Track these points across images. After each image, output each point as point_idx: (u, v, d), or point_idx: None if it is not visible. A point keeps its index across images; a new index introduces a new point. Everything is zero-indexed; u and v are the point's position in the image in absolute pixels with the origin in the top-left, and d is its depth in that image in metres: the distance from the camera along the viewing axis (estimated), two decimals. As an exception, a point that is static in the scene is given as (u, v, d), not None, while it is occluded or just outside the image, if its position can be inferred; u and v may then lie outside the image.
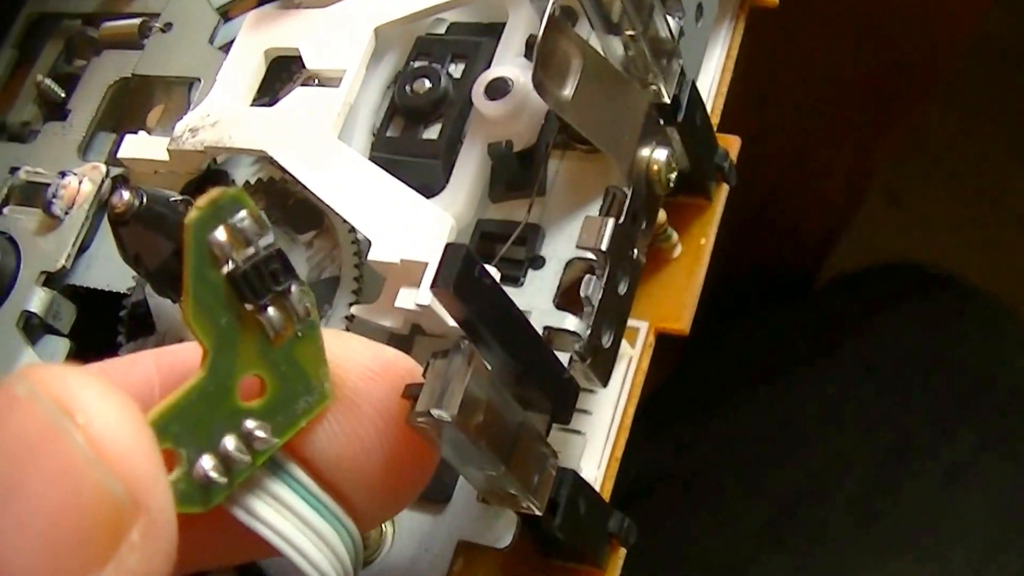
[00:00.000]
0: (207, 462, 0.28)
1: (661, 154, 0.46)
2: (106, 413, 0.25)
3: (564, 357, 0.44)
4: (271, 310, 0.29)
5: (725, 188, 0.53)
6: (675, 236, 0.52)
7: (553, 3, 0.41)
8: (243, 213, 0.28)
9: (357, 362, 0.32)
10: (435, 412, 0.36)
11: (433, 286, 0.37)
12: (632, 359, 0.50)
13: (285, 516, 0.30)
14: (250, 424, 0.29)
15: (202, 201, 0.28)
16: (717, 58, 0.55)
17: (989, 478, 0.82)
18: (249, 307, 0.29)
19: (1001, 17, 1.08)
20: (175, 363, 0.30)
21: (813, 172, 1.02)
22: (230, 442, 0.29)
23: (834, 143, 1.00)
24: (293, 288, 0.29)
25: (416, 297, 0.44)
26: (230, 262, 0.28)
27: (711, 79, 0.54)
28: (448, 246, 0.37)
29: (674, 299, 0.51)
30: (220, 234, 0.28)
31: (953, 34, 0.98)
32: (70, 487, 0.24)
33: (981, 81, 1.11)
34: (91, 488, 0.24)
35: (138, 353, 0.31)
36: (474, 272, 0.37)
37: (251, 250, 0.28)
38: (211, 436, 0.28)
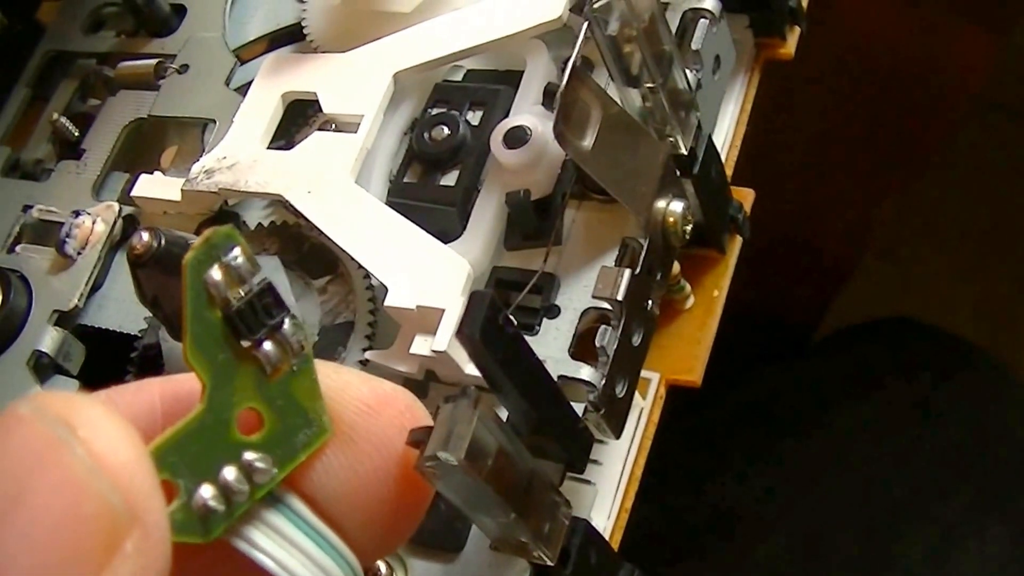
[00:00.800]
0: (206, 491, 0.29)
1: (677, 206, 0.46)
2: (107, 429, 0.26)
3: (577, 407, 0.44)
4: (267, 345, 0.30)
5: (739, 240, 0.53)
6: (688, 288, 0.52)
7: (577, 54, 0.42)
8: (236, 251, 0.29)
9: (354, 396, 0.32)
10: (442, 456, 0.35)
11: (459, 333, 0.37)
12: (643, 410, 0.50)
13: (286, 548, 0.30)
14: (250, 456, 0.29)
15: (197, 241, 0.28)
16: (731, 111, 0.55)
17: (984, 540, 0.82)
18: (246, 343, 0.29)
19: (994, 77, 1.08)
20: (180, 392, 0.31)
21: (814, 229, 1.02)
22: (230, 473, 0.29)
23: (836, 201, 1.01)
24: (286, 322, 0.30)
25: (432, 344, 0.44)
26: (226, 300, 0.29)
27: (725, 132, 0.55)
28: (474, 293, 0.37)
29: (686, 351, 0.51)
30: (216, 273, 0.28)
31: (958, 97, 0.99)
32: (71, 497, 0.25)
33: (971, 139, 1.11)
34: (91, 499, 0.25)
35: (144, 381, 0.31)
36: (499, 320, 0.37)
37: (245, 287, 0.29)
38: (210, 467, 0.29)
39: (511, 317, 0.38)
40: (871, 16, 0.91)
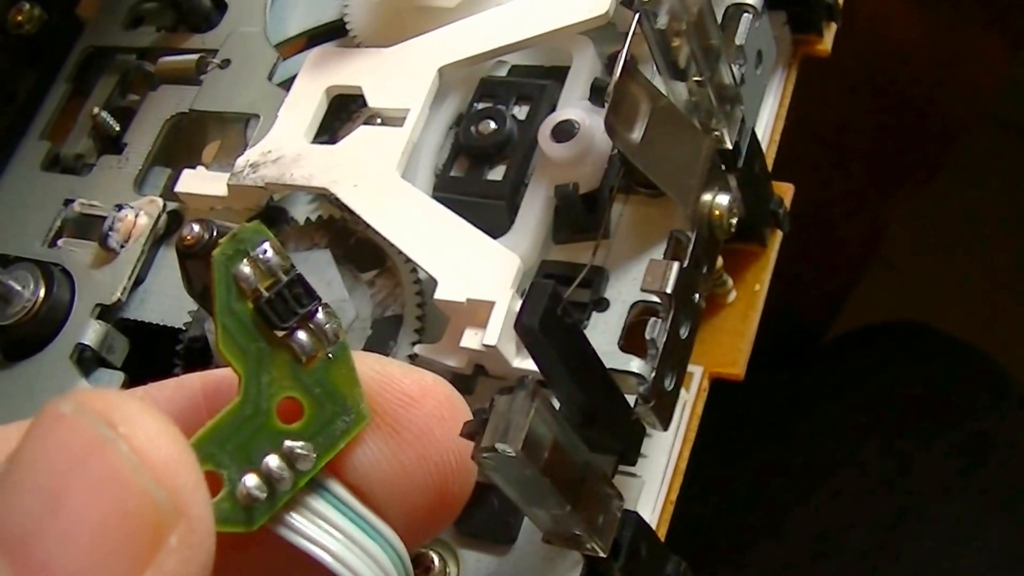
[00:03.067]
0: (250, 480, 0.29)
1: (723, 199, 0.47)
2: (148, 425, 0.26)
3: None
4: (300, 334, 0.30)
5: (779, 235, 0.53)
6: (730, 282, 0.52)
7: (628, 48, 0.42)
8: (265, 245, 0.29)
9: (396, 388, 0.32)
10: (500, 447, 0.36)
11: (517, 324, 0.38)
12: (687, 404, 0.50)
13: (332, 534, 0.30)
14: (291, 444, 0.29)
15: (225, 237, 0.29)
16: (770, 106, 0.56)
17: (988, 538, 0.82)
18: (279, 333, 0.30)
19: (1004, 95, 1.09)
20: (221, 385, 0.31)
21: (827, 233, 1.02)
22: (273, 460, 0.29)
23: (849, 204, 1.01)
24: (319, 311, 0.30)
25: (483, 337, 0.44)
26: (257, 291, 0.29)
27: (764, 126, 0.55)
28: (533, 284, 0.38)
29: (729, 344, 0.52)
30: (245, 267, 0.29)
31: (969, 104, 0.99)
32: (116, 493, 0.25)
33: (976, 152, 1.12)
34: (135, 495, 0.25)
35: (185, 376, 0.32)
36: (558, 311, 0.38)
37: (275, 278, 0.29)
38: (252, 456, 0.29)
39: (568, 308, 0.39)
40: (886, 21, 0.91)
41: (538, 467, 0.37)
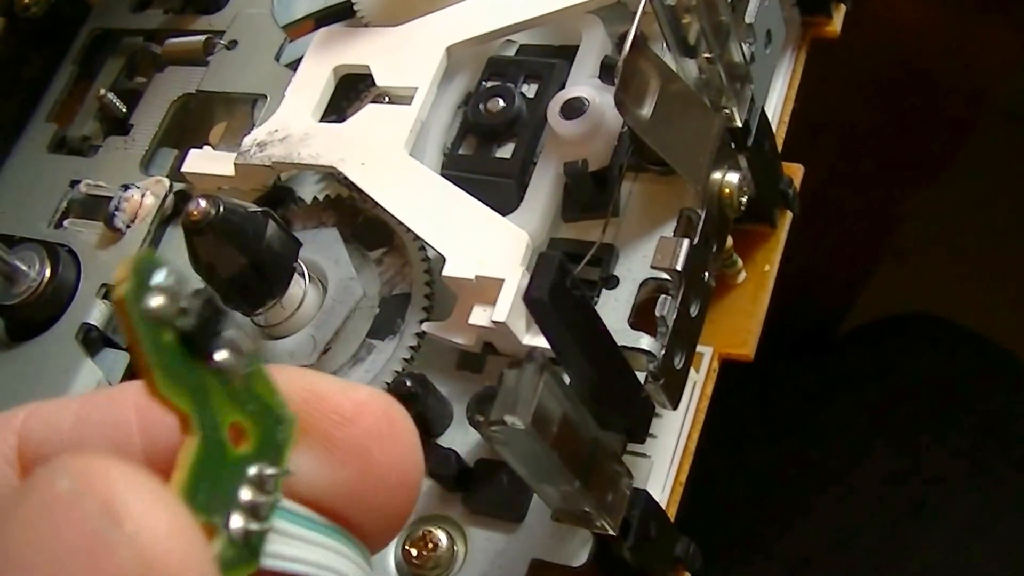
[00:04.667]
0: (237, 520, 0.28)
1: (733, 177, 0.46)
2: (155, 521, 0.24)
3: (635, 379, 0.44)
4: (222, 353, 0.28)
5: (789, 215, 0.53)
6: (740, 262, 0.52)
7: (637, 23, 0.42)
8: (164, 270, 0.26)
9: (327, 406, 0.30)
10: (509, 420, 0.35)
11: (526, 296, 0.37)
12: (696, 384, 0.50)
13: (308, 548, 0.30)
14: (253, 469, 0.29)
15: (120, 274, 0.26)
16: (780, 87, 0.55)
17: (1002, 532, 0.81)
18: (203, 358, 0.28)
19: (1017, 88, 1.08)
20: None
21: (839, 222, 1.02)
22: (245, 493, 0.28)
23: (859, 193, 1.00)
24: (230, 326, 0.29)
25: (492, 314, 0.43)
26: (172, 321, 0.26)
27: (774, 107, 0.55)
28: (542, 256, 0.37)
29: (739, 325, 0.51)
30: (158, 298, 0.26)
31: (983, 92, 0.98)
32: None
33: (989, 146, 1.11)
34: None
35: (118, 388, 0.30)
36: (567, 283, 0.37)
37: (184, 302, 0.28)
38: (229, 493, 0.27)
39: (577, 280, 0.38)
40: (896, 9, 0.91)
41: (547, 441, 0.37)
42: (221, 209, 0.43)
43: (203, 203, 0.43)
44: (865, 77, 0.93)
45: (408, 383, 0.44)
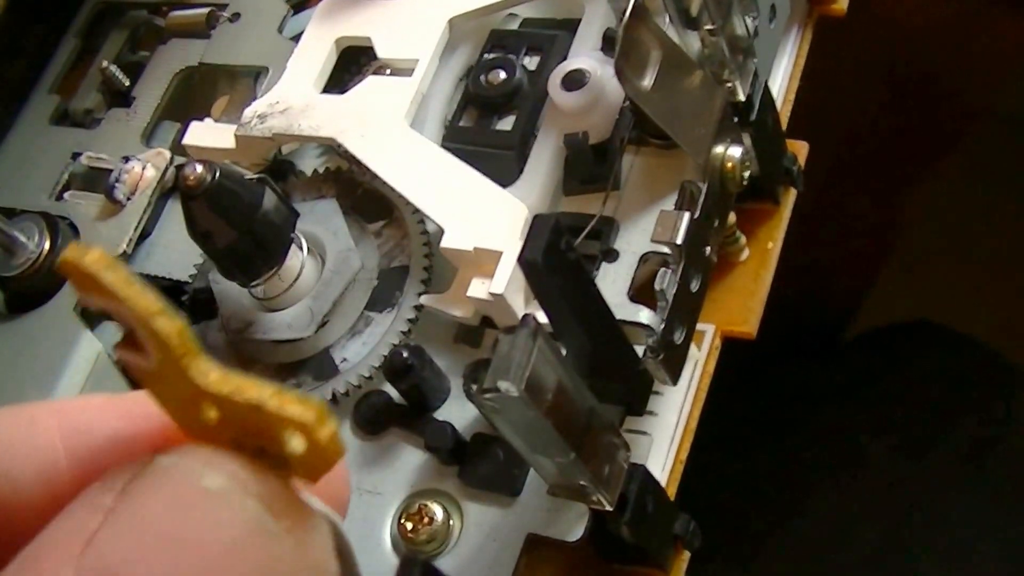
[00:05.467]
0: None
1: (736, 151, 0.46)
2: (308, 515, 0.25)
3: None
4: None
5: (793, 193, 0.53)
6: (743, 240, 0.51)
7: (637, -7, 0.41)
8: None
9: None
10: (502, 385, 0.35)
11: (520, 258, 0.37)
12: (698, 362, 0.49)
13: None
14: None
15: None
16: (785, 65, 0.55)
17: (1002, 535, 0.81)
18: None
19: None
20: (79, 424, 0.28)
21: (844, 226, 1.01)
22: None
23: (863, 190, 1.00)
24: None
25: (490, 286, 0.43)
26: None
27: (779, 85, 0.54)
28: (536, 217, 0.37)
29: (741, 303, 0.51)
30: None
31: (990, 89, 0.98)
32: None
33: (993, 152, 1.11)
34: None
35: (40, 410, 0.28)
36: (561, 244, 0.37)
37: None
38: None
39: (572, 243, 0.38)
40: (903, 2, 0.90)
41: (541, 409, 0.37)
42: (217, 175, 0.43)
43: (199, 168, 0.43)
44: (868, 73, 0.92)
45: (405, 355, 0.44)
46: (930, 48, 0.92)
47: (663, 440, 0.47)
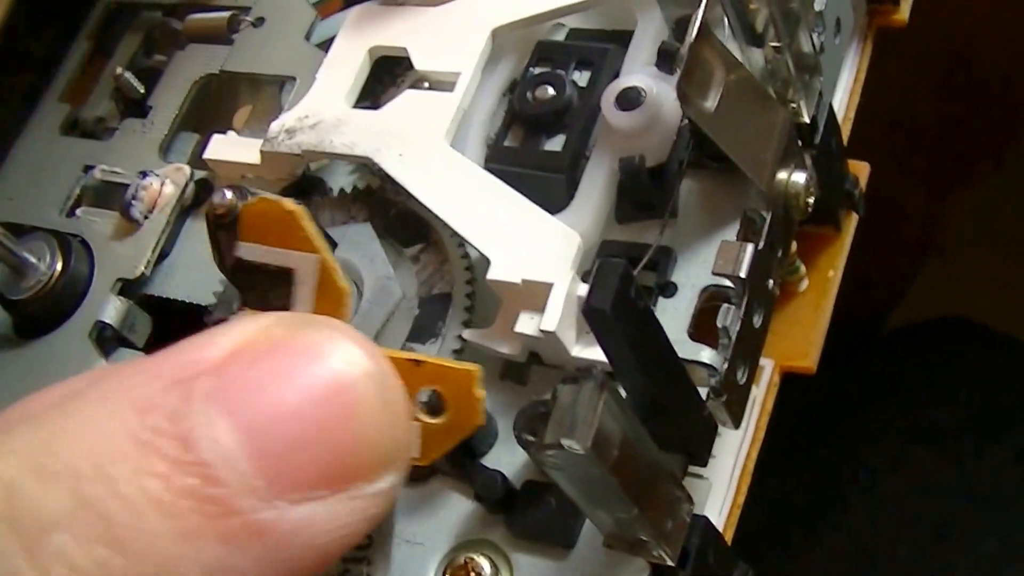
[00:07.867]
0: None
1: (800, 177, 0.43)
2: (396, 380, 0.29)
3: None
4: None
5: (854, 218, 0.50)
6: (803, 268, 0.49)
7: (704, 8, 0.38)
8: None
9: None
10: (566, 443, 0.32)
11: (586, 307, 0.34)
12: (756, 400, 0.47)
13: None
14: None
15: None
16: (846, 80, 0.52)
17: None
18: None
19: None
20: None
21: (889, 219, 0.99)
22: None
23: (909, 192, 0.98)
24: None
25: (540, 323, 0.40)
26: None
27: (839, 101, 0.51)
28: (602, 262, 0.34)
29: (801, 335, 0.48)
30: None
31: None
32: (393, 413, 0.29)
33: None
34: (403, 423, 0.29)
35: None
36: (630, 292, 0.34)
37: None
38: None
39: (641, 290, 0.35)
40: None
41: (607, 466, 0.34)
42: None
43: (229, 194, 0.40)
44: (921, 70, 0.89)
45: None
46: (986, 45, 0.90)
47: (721, 484, 0.45)
